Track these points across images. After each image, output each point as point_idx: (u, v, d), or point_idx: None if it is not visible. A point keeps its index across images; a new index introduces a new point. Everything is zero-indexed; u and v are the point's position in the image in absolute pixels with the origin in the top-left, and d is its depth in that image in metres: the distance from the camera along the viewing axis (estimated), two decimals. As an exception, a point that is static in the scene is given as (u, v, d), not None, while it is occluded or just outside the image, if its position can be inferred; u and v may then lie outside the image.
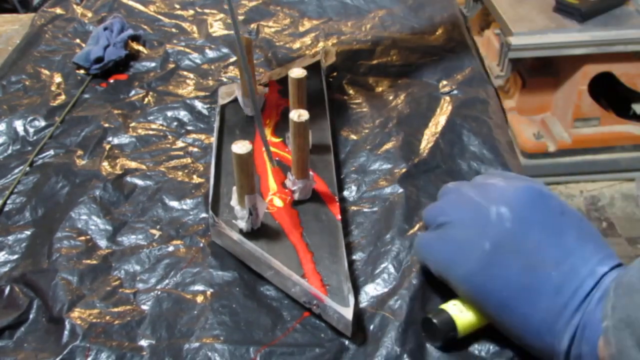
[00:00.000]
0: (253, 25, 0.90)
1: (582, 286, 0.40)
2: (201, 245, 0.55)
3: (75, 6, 0.95)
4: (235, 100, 0.71)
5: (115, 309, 0.49)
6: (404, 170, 0.63)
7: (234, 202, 0.54)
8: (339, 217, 0.56)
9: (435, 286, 0.50)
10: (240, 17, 0.93)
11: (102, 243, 0.56)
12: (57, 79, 0.79)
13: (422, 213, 0.52)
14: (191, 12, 0.94)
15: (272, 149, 0.64)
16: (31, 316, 0.49)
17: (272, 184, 0.59)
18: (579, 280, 0.40)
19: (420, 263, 0.51)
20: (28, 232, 0.57)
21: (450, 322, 0.45)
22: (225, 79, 0.79)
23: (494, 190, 0.45)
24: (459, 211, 0.46)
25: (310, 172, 0.57)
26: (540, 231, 0.42)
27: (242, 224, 0.54)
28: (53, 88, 0.77)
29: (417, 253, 0.50)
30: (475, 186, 0.48)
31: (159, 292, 0.51)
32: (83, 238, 0.56)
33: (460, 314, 0.45)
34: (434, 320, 0.45)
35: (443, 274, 0.47)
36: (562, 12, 1.68)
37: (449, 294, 0.48)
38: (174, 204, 0.60)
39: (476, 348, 0.46)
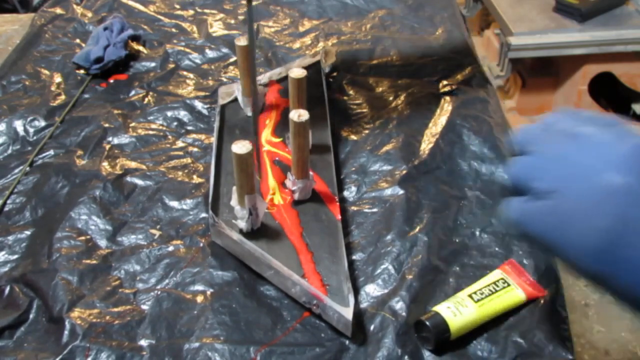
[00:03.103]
0: (253, 25, 0.90)
1: None
2: (201, 245, 0.55)
3: (75, 6, 0.95)
4: (235, 100, 0.71)
5: (115, 309, 0.49)
6: (404, 171, 0.63)
7: (233, 202, 0.54)
8: (339, 217, 0.56)
9: (435, 287, 0.50)
10: (240, 17, 0.93)
11: (102, 243, 0.56)
12: (57, 79, 0.79)
13: (507, 158, 0.44)
14: (191, 12, 0.94)
15: (271, 149, 0.64)
16: (31, 316, 0.49)
17: (272, 184, 0.59)
18: None
19: (514, 233, 0.46)
20: (28, 232, 0.57)
21: (443, 324, 0.45)
22: (225, 79, 0.79)
23: (600, 149, 0.39)
24: (566, 178, 0.40)
25: (310, 172, 0.57)
26: None
27: (242, 224, 0.54)
28: (53, 88, 0.77)
29: (516, 225, 0.42)
30: (572, 138, 0.41)
31: (159, 292, 0.51)
32: (83, 238, 0.56)
33: (454, 316, 0.45)
34: (427, 323, 0.45)
35: (555, 251, 0.40)
36: (562, 12, 1.68)
37: (448, 295, 0.48)
38: (174, 204, 0.60)
39: (477, 349, 0.46)
